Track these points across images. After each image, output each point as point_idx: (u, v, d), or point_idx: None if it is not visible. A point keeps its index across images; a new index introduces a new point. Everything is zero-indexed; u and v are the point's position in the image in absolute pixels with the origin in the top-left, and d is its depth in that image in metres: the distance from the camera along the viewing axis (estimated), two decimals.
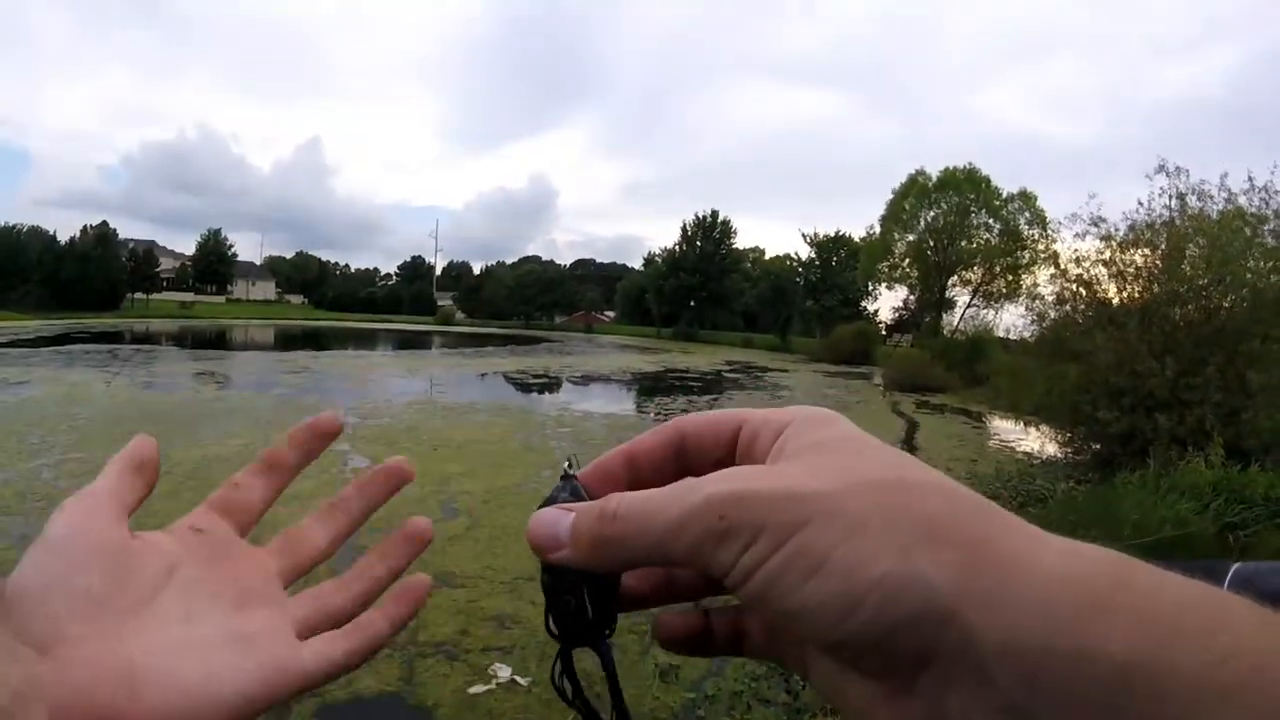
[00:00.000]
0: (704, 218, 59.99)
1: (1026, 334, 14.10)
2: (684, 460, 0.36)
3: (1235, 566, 0.71)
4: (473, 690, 3.99)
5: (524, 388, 20.38)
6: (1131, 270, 11.24)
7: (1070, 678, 0.21)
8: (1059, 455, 11.95)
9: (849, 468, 0.28)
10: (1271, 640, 0.20)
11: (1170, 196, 11.38)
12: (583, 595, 0.34)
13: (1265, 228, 10.62)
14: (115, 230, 60.92)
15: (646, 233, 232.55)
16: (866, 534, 0.26)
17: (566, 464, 0.37)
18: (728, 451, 0.35)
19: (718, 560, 0.28)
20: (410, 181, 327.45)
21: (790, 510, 0.27)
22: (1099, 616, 0.22)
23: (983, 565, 0.24)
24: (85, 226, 59.63)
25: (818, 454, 0.30)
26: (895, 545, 0.25)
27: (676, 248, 60.69)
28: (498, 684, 4.07)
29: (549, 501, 0.35)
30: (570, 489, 0.35)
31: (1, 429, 10.23)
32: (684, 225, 60.38)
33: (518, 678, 4.14)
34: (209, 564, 0.36)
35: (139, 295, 60.95)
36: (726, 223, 59.82)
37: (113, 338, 30.33)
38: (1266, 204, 10.73)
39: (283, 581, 0.39)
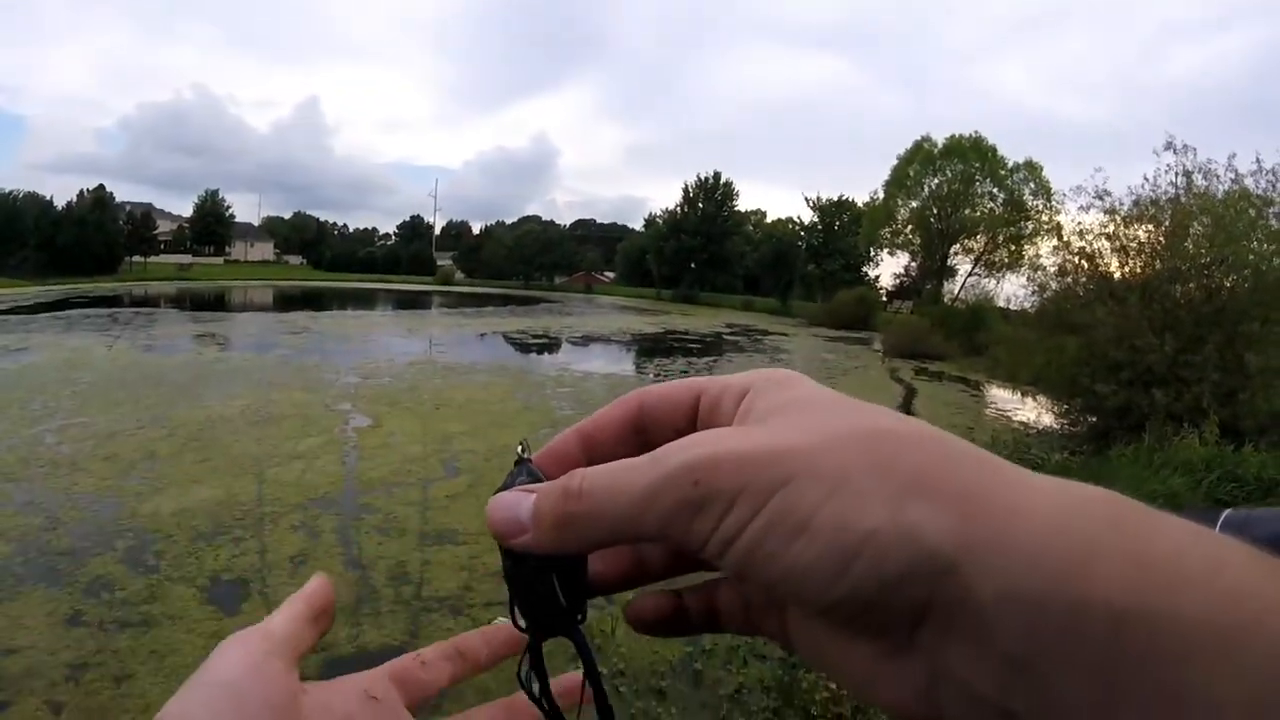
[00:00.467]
0: (706, 179, 59.47)
1: (1027, 305, 14.18)
2: (644, 435, 0.34)
3: (1226, 513, 0.75)
4: None
5: (524, 348, 20.48)
6: (1134, 245, 11.24)
7: (1068, 628, 0.21)
8: (1055, 426, 12.04)
9: (825, 423, 0.26)
10: (1273, 585, 0.20)
11: (1176, 174, 11.36)
12: (552, 582, 0.32)
13: (1271, 210, 10.61)
14: (112, 194, 60.13)
15: (648, 194, 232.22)
16: (852, 488, 0.24)
17: (520, 448, 0.35)
18: (688, 422, 0.33)
19: (694, 530, 0.26)
20: (410, 141, 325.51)
21: (768, 469, 0.25)
22: (1094, 562, 0.21)
23: (977, 516, 0.23)
24: (82, 190, 58.66)
25: (788, 413, 0.28)
26: (884, 498, 0.24)
27: (678, 209, 60.19)
28: None
29: (504, 488, 0.33)
30: (526, 473, 0.33)
31: (3, 395, 10.29)
32: (685, 187, 59.87)
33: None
34: None
35: (137, 258, 60.37)
36: (729, 185, 59.37)
37: (112, 301, 30.21)
38: (1274, 186, 10.71)
39: None
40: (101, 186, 59.20)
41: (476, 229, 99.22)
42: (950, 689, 0.24)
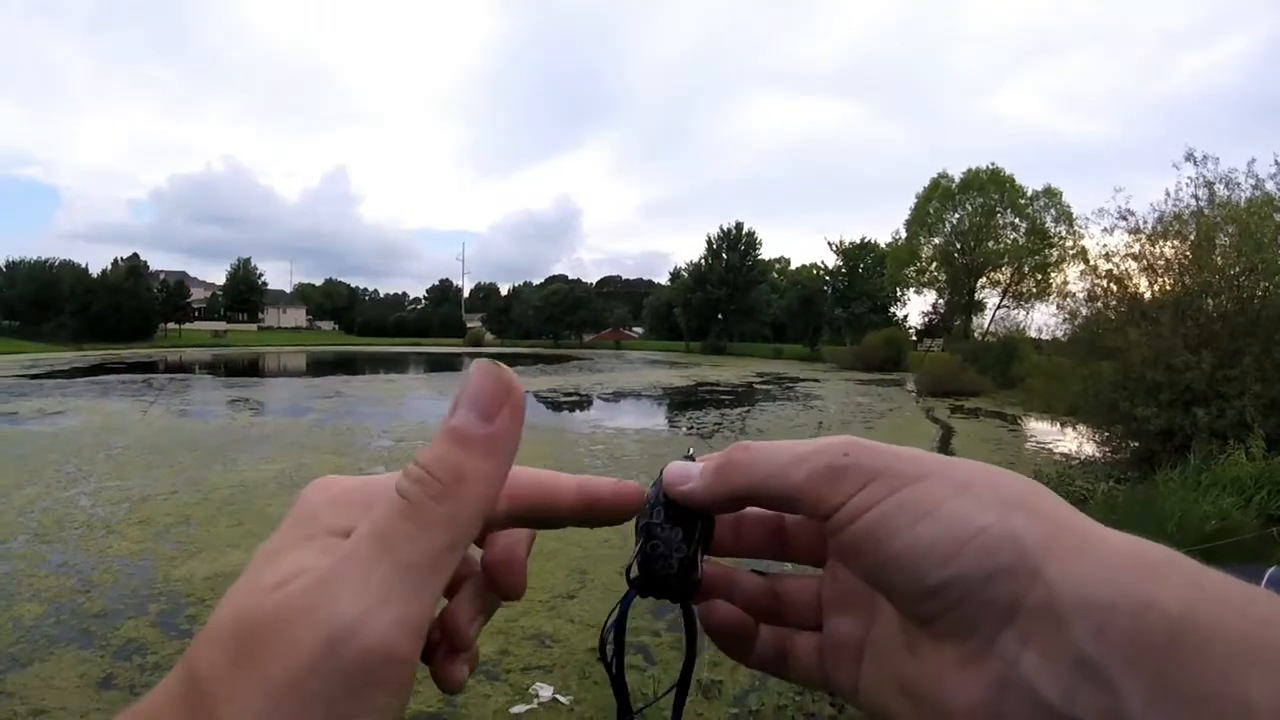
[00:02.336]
0: (729, 230, 59.99)
1: (1059, 333, 14.00)
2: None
3: (1271, 570, 0.74)
4: (514, 710, 4.01)
5: (555, 406, 20.47)
6: (1162, 263, 11.12)
7: (1133, 629, 0.24)
8: (1097, 455, 11.78)
9: (949, 460, 0.30)
10: None
11: (1197, 186, 11.26)
12: (679, 535, 0.35)
13: None
14: (146, 262, 61.82)
15: (671, 248, 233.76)
16: (973, 494, 0.28)
17: (688, 450, 0.38)
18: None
19: (833, 493, 0.30)
20: (436, 206, 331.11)
21: (909, 464, 0.30)
22: (1156, 578, 0.25)
23: (1063, 532, 0.27)
24: (116, 259, 60.33)
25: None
26: (995, 506, 0.28)
27: (702, 261, 60.68)
28: (539, 703, 4.08)
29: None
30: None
31: (39, 458, 10.45)
32: (709, 238, 60.51)
33: (559, 696, 4.15)
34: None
35: (171, 325, 62.04)
36: (751, 234, 59.81)
37: (147, 367, 30.95)
38: None
39: None
40: (136, 255, 61.15)
41: (504, 290, 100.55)
42: (1017, 698, 0.26)
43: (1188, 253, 10.71)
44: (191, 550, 6.70)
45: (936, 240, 42.77)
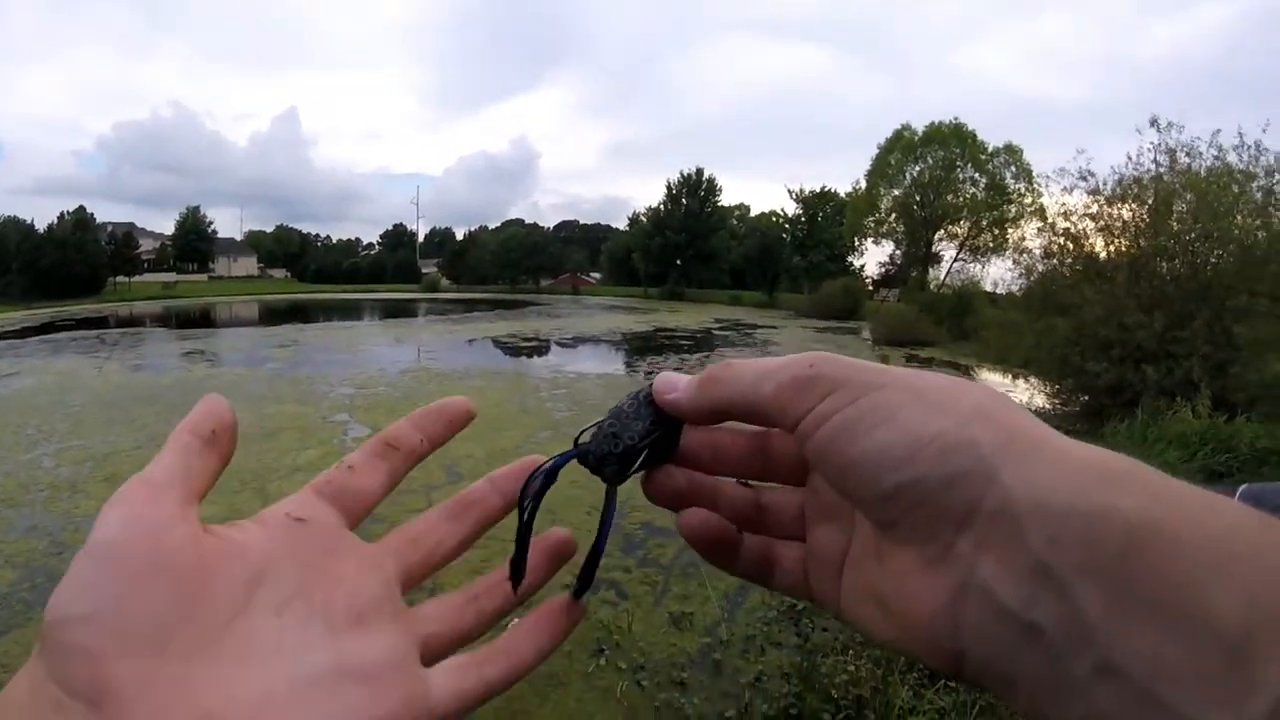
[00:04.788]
0: (689, 176, 59.55)
1: (1014, 288, 14.26)
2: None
3: (1243, 488, 0.78)
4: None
5: (515, 351, 20.42)
6: (1119, 224, 11.35)
7: (1088, 535, 0.24)
8: (1048, 407, 12.06)
9: (910, 372, 0.31)
10: (1263, 528, 0.23)
11: (1158, 151, 11.46)
12: (639, 428, 0.37)
13: (1254, 184, 10.67)
14: (93, 214, 59.23)
15: (631, 193, 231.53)
16: (930, 402, 0.29)
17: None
18: None
19: (800, 402, 0.31)
20: (389, 149, 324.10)
21: (870, 375, 0.31)
22: (1114, 485, 0.24)
23: (1021, 439, 0.27)
24: (63, 212, 57.62)
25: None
26: (953, 414, 0.28)
27: (662, 207, 60.25)
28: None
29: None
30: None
31: None
32: (669, 184, 59.96)
33: None
34: (312, 567, 0.31)
35: (121, 278, 59.96)
36: (712, 180, 59.46)
37: (98, 323, 29.94)
38: (1256, 161, 10.77)
39: (401, 590, 0.34)
40: (82, 208, 58.48)
41: (460, 235, 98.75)
42: (975, 601, 0.27)
43: (1145, 216, 10.96)
44: None
45: (896, 192, 42.82)
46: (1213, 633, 0.21)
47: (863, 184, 45.00)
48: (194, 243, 74.05)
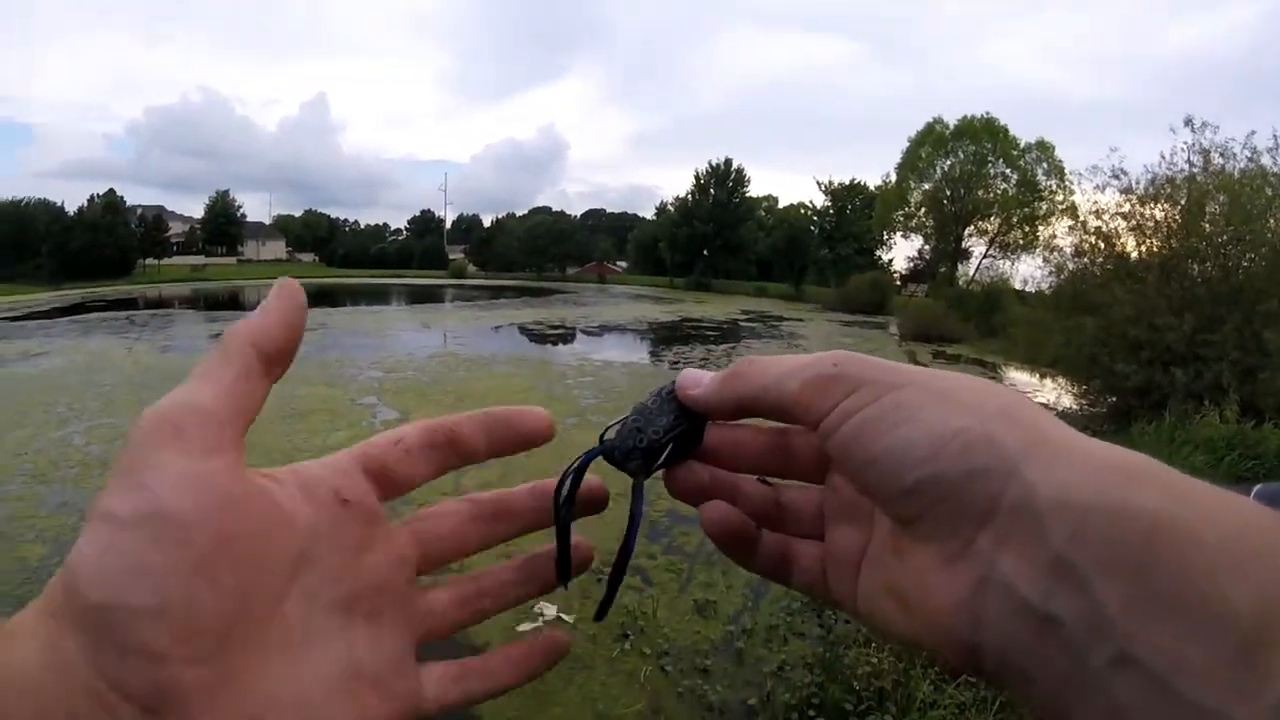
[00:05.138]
0: (717, 165, 59.23)
1: (1043, 286, 14.13)
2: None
3: (1258, 488, 0.84)
4: (521, 628, 4.14)
5: (541, 339, 20.56)
6: (1151, 224, 11.24)
7: (1110, 532, 0.24)
8: (1075, 407, 11.98)
9: (933, 372, 0.32)
10: (1278, 527, 0.23)
11: (1192, 151, 11.31)
12: (663, 423, 0.37)
13: None
14: (123, 198, 59.84)
15: (657, 182, 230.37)
16: (953, 402, 0.30)
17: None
18: None
19: (822, 400, 0.32)
20: (417, 136, 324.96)
21: (893, 375, 0.31)
22: (1134, 484, 0.25)
23: (1042, 438, 0.28)
24: (93, 195, 58.19)
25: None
26: (976, 413, 0.29)
27: (689, 196, 60.00)
28: (544, 621, 4.25)
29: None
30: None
31: (28, 400, 10.44)
32: (697, 173, 59.62)
33: (563, 615, 4.34)
34: (345, 553, 0.31)
35: (150, 261, 60.58)
36: (740, 170, 59.11)
37: (127, 304, 30.46)
38: None
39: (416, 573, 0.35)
40: (112, 191, 59.10)
41: (487, 222, 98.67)
42: (995, 595, 0.27)
43: (1177, 216, 10.83)
44: None
45: (926, 186, 42.37)
46: (1229, 627, 0.21)
47: (892, 177, 44.63)
48: (223, 226, 74.62)
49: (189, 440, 0.25)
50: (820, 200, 57.28)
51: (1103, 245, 11.88)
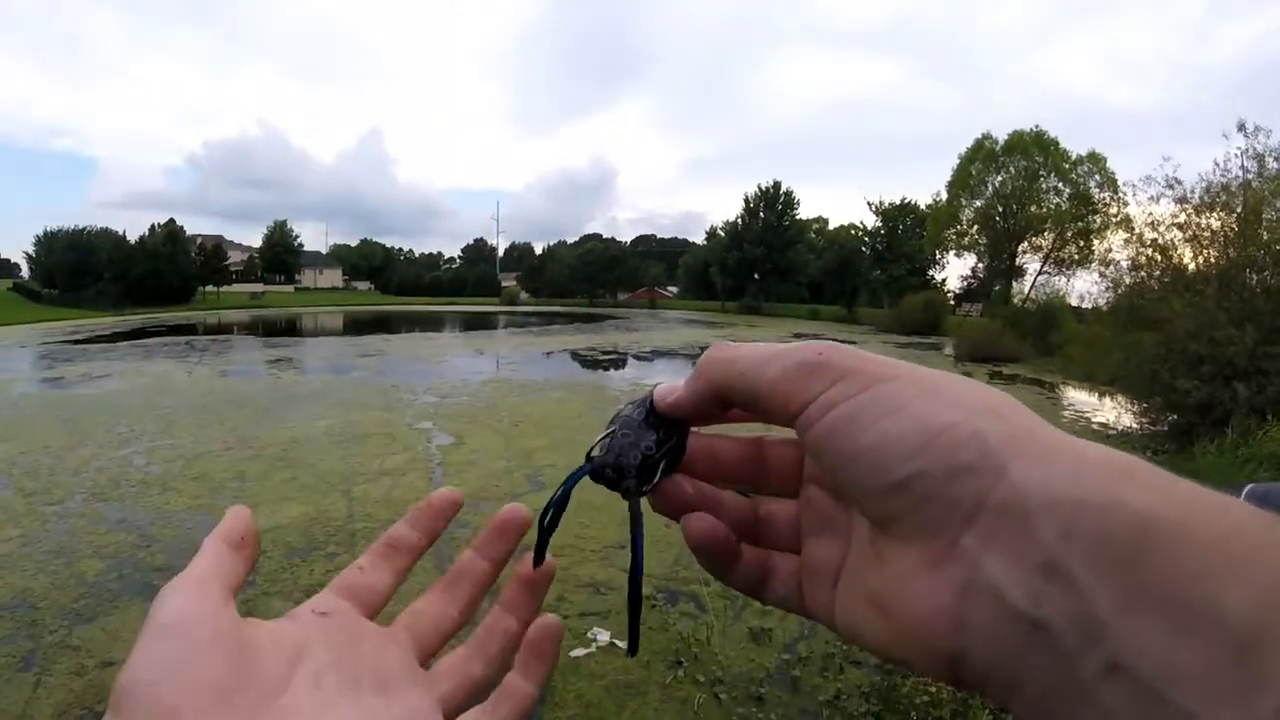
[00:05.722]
0: (766, 189, 59.27)
1: (1100, 301, 13.85)
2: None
3: (1249, 486, 0.85)
4: (574, 654, 4.20)
5: (593, 364, 20.70)
6: (1207, 234, 10.98)
7: (1100, 529, 0.23)
8: (1135, 426, 11.71)
9: (921, 368, 0.32)
10: (1270, 527, 0.22)
11: (1246, 157, 11.06)
12: (651, 438, 0.37)
13: None
14: (183, 227, 62.35)
15: (707, 207, 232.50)
16: (941, 397, 0.29)
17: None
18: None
19: (805, 388, 0.31)
20: (470, 166, 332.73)
21: (880, 367, 0.31)
22: (1125, 481, 0.24)
23: (1030, 436, 0.27)
24: (154, 225, 60.96)
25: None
26: (963, 409, 0.28)
27: (739, 220, 60.08)
28: (597, 647, 4.28)
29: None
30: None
31: (89, 420, 10.73)
32: (746, 197, 59.81)
33: (616, 641, 4.36)
34: (340, 647, 0.35)
35: (210, 288, 62.96)
36: (789, 193, 59.05)
37: (187, 330, 31.51)
38: None
39: (419, 661, 0.38)
40: (172, 220, 61.68)
41: (539, 249, 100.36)
42: (981, 599, 0.26)
43: (1234, 225, 10.57)
44: (248, 504, 6.90)
45: (978, 202, 41.81)
46: (1223, 630, 0.21)
47: (943, 195, 44.16)
48: (281, 255, 76.95)
49: (184, 589, 0.31)
50: (871, 221, 56.90)
51: (1159, 257, 11.64)
